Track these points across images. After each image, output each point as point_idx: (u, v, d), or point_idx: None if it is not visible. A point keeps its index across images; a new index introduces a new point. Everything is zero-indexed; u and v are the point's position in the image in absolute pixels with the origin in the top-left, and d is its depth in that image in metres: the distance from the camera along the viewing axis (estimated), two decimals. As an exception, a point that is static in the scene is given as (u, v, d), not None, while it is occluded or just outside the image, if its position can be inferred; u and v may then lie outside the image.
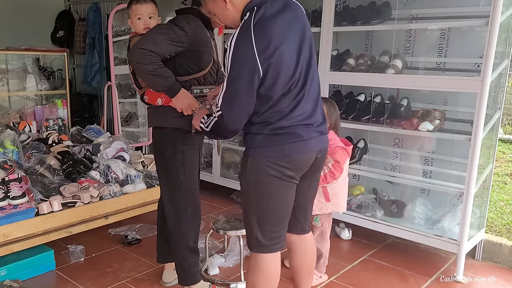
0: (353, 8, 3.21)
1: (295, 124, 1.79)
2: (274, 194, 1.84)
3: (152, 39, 2.05)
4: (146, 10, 2.25)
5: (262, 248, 1.90)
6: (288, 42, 1.74)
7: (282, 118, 1.77)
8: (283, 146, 1.79)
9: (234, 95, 1.73)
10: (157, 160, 2.35)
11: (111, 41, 4.34)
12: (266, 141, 1.79)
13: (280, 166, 1.79)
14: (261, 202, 1.85)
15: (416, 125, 2.89)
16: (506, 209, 3.62)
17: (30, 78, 4.34)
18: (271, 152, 1.79)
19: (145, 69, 2.05)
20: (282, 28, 1.73)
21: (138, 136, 4.73)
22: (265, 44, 1.68)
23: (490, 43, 2.46)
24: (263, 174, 1.80)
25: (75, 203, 2.82)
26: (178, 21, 2.12)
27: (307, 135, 1.81)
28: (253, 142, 1.83)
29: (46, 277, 2.68)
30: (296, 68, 1.77)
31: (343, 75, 3.17)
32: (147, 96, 2.25)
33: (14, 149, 3.21)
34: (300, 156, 1.82)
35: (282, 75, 1.73)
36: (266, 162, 1.79)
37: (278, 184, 1.82)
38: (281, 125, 1.78)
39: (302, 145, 1.81)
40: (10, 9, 5.39)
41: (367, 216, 3.10)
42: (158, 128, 2.28)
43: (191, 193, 2.32)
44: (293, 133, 1.79)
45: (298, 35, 1.78)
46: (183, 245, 2.33)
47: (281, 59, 1.71)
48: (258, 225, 1.88)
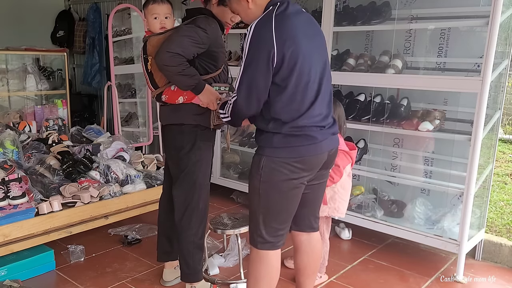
0: (353, 8, 3.21)
1: (310, 125, 1.83)
2: (285, 194, 1.88)
3: (178, 42, 2.10)
4: (163, 10, 2.27)
5: (267, 245, 1.93)
6: (306, 39, 1.80)
7: (299, 117, 1.81)
8: (299, 148, 1.83)
9: (251, 78, 1.77)
10: (173, 156, 2.37)
11: (111, 41, 4.34)
12: (283, 142, 1.83)
13: (294, 167, 1.83)
14: (271, 201, 1.89)
15: (416, 125, 2.89)
16: (506, 209, 3.61)
17: (30, 78, 4.34)
18: (287, 153, 1.83)
19: (174, 71, 2.10)
20: (301, 25, 1.82)
21: (138, 136, 4.73)
22: (284, 33, 1.74)
23: (490, 43, 2.46)
24: (277, 174, 1.84)
25: (75, 203, 2.82)
26: (200, 22, 2.16)
27: (322, 136, 1.86)
28: (269, 141, 1.85)
29: (46, 277, 2.68)
30: (312, 66, 1.81)
31: (343, 75, 3.16)
32: (166, 95, 2.27)
33: (14, 149, 3.21)
34: (314, 157, 1.87)
35: (298, 68, 1.77)
36: (281, 163, 1.83)
37: (289, 185, 1.86)
38: (298, 125, 1.81)
39: (316, 147, 1.85)
40: (10, 9, 5.39)
41: (367, 216, 3.10)
42: (176, 125, 2.30)
43: (204, 188, 2.36)
44: (309, 135, 1.83)
45: (315, 37, 1.88)
46: (190, 240, 2.35)
47: (298, 52, 1.76)
48: (264, 223, 1.91)
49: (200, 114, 2.24)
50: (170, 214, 2.45)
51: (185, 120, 2.26)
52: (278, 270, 2.00)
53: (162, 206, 2.57)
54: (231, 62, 3.89)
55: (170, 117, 2.32)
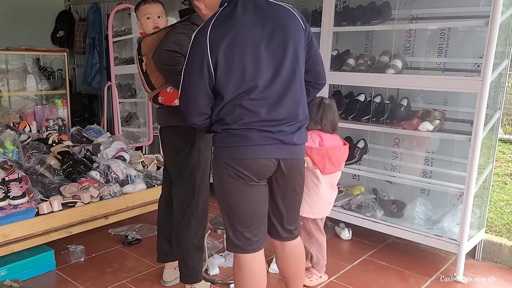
0: (353, 8, 3.21)
1: (247, 127, 1.74)
2: (235, 194, 1.83)
3: (175, 40, 2.08)
4: (155, 9, 2.28)
5: (236, 248, 1.90)
6: (251, 41, 1.70)
7: (240, 119, 1.74)
8: (234, 148, 1.78)
9: (187, 84, 1.77)
10: (172, 158, 2.37)
11: (111, 41, 4.34)
12: (221, 141, 1.80)
13: (235, 169, 1.78)
14: (227, 202, 1.87)
15: (416, 125, 2.89)
16: (506, 209, 3.62)
17: (30, 78, 4.35)
18: (225, 153, 1.80)
19: (174, 70, 2.07)
20: (245, 26, 1.70)
21: (138, 136, 4.73)
22: (219, 36, 1.69)
23: (490, 43, 2.46)
24: (222, 173, 1.82)
25: (75, 203, 2.82)
26: (195, 19, 2.15)
27: (261, 140, 1.75)
28: (214, 140, 1.86)
29: (46, 277, 2.68)
30: (256, 71, 1.70)
31: (343, 75, 3.17)
32: (162, 97, 2.25)
33: (14, 149, 3.21)
34: (254, 162, 1.77)
35: (235, 74, 1.70)
36: (223, 163, 1.81)
37: (236, 184, 1.80)
38: (232, 126, 1.76)
39: (253, 150, 1.76)
40: (10, 9, 5.39)
41: (367, 216, 3.10)
42: (173, 127, 2.29)
43: (203, 190, 2.36)
44: (243, 135, 1.75)
45: (272, 36, 1.72)
46: (189, 242, 2.34)
47: (236, 57, 1.69)
48: (229, 224, 1.89)
49: None
50: (169, 215, 2.45)
51: (183, 122, 2.20)
52: (261, 274, 1.92)
53: (162, 207, 2.56)
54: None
55: (168, 119, 2.31)
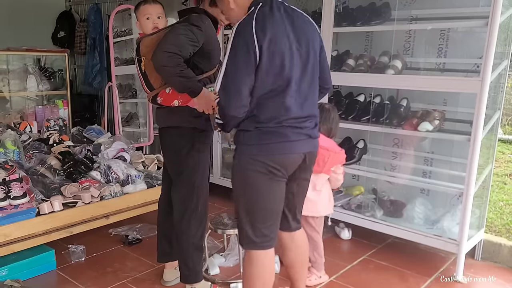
0: (353, 9, 3.22)
1: (282, 125, 1.81)
2: (261, 191, 1.87)
3: (175, 42, 2.06)
4: (155, 10, 2.27)
5: (253, 245, 1.92)
6: (288, 40, 1.78)
7: (274, 115, 1.80)
8: (268, 145, 1.82)
9: (232, 73, 1.76)
10: (171, 159, 2.37)
11: (112, 41, 4.35)
12: (252, 139, 1.83)
13: (266, 165, 1.82)
14: (250, 200, 1.89)
15: (415, 126, 2.90)
16: (506, 209, 3.62)
17: (31, 78, 4.35)
18: (257, 150, 1.83)
19: (172, 72, 2.05)
20: (285, 25, 1.80)
21: (139, 136, 4.74)
22: (263, 29, 1.73)
23: (489, 43, 2.46)
24: (250, 172, 1.84)
25: (76, 203, 2.82)
26: (194, 20, 2.13)
27: (295, 136, 1.84)
28: (241, 139, 1.87)
29: (47, 277, 2.69)
30: (293, 67, 1.79)
31: (343, 76, 3.17)
32: (161, 97, 2.24)
33: (15, 149, 3.22)
34: (285, 157, 1.85)
35: (277, 68, 1.76)
36: (252, 160, 1.83)
37: (265, 182, 1.85)
38: (271, 123, 1.80)
39: (287, 146, 1.84)
40: (11, 9, 5.40)
41: (367, 216, 3.11)
42: (173, 128, 2.29)
43: (203, 190, 2.36)
44: (279, 132, 1.82)
45: (301, 37, 1.83)
46: (189, 242, 2.34)
47: (277, 53, 1.75)
48: (248, 222, 1.91)
49: (197, 117, 2.22)
50: (169, 216, 2.45)
51: (182, 123, 2.24)
52: (272, 270, 1.99)
53: (161, 207, 2.57)
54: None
55: (167, 120, 2.31)
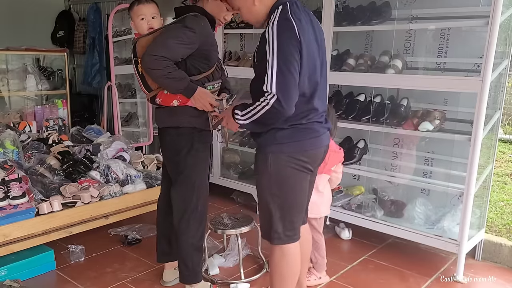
0: (353, 8, 3.21)
1: (313, 120, 1.89)
2: (295, 186, 1.93)
3: (163, 44, 2.07)
4: (149, 10, 2.25)
5: (287, 239, 1.97)
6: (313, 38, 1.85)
7: (304, 111, 1.85)
8: (303, 141, 1.87)
9: (289, 76, 1.72)
10: (171, 159, 2.36)
11: (111, 41, 4.34)
12: (287, 137, 1.86)
13: (300, 161, 1.87)
14: (285, 196, 1.92)
15: (416, 125, 2.89)
16: (506, 209, 3.62)
17: (30, 78, 4.34)
18: (293, 147, 1.87)
19: (159, 74, 2.07)
20: (309, 24, 1.86)
21: (138, 136, 4.73)
22: (301, 30, 1.76)
23: (490, 43, 2.46)
24: (286, 169, 1.88)
25: (75, 203, 2.82)
26: (188, 22, 2.11)
27: (321, 130, 1.94)
28: (273, 138, 1.87)
29: (46, 277, 2.69)
30: (316, 64, 1.86)
31: (343, 75, 3.17)
32: (160, 98, 2.23)
33: (14, 149, 3.21)
34: (316, 151, 1.94)
35: (310, 64, 1.81)
36: (288, 157, 1.87)
37: (299, 177, 1.92)
38: (302, 119, 1.86)
39: (318, 140, 1.93)
40: (10, 9, 5.39)
41: (367, 216, 3.10)
42: (172, 128, 2.28)
43: (202, 190, 2.35)
44: (311, 128, 1.89)
45: (318, 36, 1.90)
46: (188, 243, 2.34)
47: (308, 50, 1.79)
48: (281, 218, 1.94)
49: (197, 117, 2.22)
50: (168, 216, 2.44)
51: (182, 123, 2.24)
52: (298, 262, 2.05)
53: (161, 208, 2.56)
54: (231, 62, 3.89)
55: (166, 120, 2.30)
